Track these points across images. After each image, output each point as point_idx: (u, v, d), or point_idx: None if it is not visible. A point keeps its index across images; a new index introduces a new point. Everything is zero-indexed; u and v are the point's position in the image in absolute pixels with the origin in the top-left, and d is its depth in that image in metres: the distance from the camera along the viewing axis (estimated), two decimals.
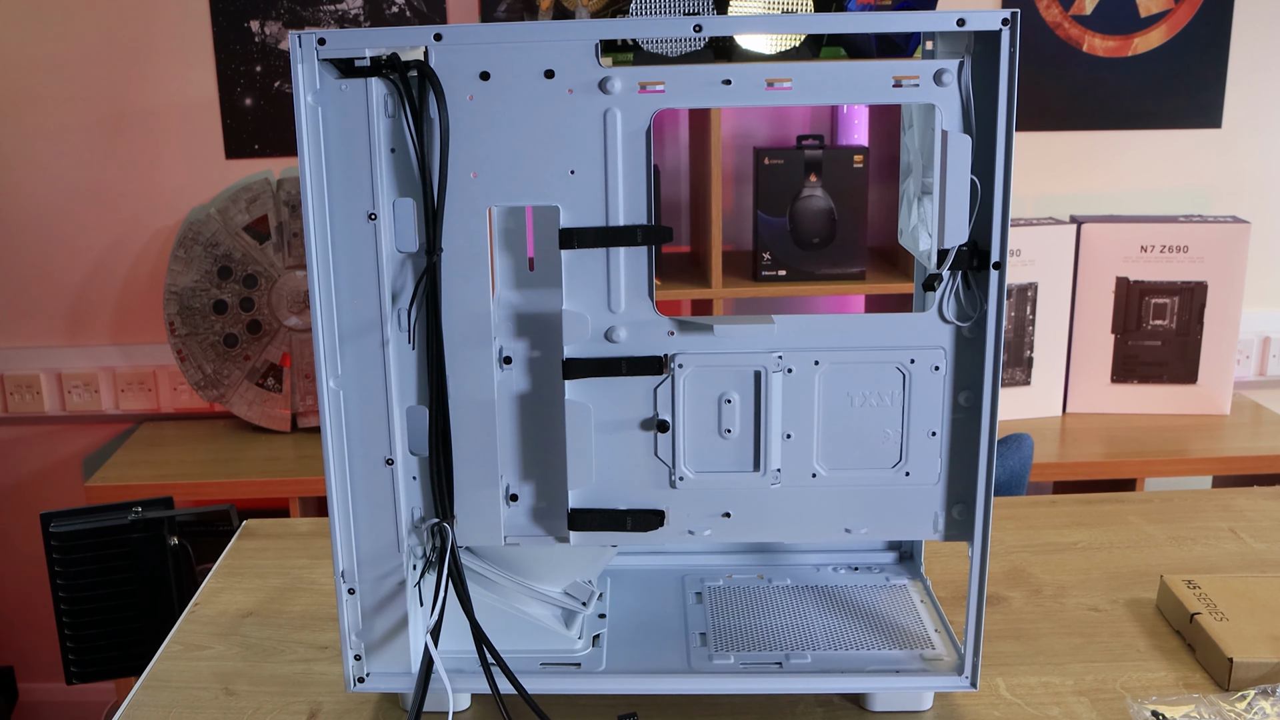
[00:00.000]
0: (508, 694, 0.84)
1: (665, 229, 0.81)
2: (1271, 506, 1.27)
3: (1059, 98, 2.21)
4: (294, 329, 2.05)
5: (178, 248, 2.00)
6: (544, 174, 0.79)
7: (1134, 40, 2.19)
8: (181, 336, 2.03)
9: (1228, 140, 2.24)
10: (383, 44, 0.77)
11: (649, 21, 0.78)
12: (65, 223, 2.18)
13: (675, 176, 2.22)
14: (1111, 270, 2.00)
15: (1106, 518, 1.25)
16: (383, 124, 0.78)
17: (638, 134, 0.78)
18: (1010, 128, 0.76)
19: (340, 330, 0.81)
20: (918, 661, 0.89)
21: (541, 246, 0.86)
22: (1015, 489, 1.59)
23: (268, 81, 2.13)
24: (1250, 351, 2.28)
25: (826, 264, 1.99)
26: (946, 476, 0.85)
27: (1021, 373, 2.01)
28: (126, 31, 2.10)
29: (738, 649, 0.91)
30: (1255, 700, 0.86)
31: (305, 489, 1.92)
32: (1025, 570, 1.13)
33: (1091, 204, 2.23)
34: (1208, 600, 0.98)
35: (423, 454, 0.84)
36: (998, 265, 0.78)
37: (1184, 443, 1.94)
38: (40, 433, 2.28)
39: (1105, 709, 0.88)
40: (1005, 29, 0.75)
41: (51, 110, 2.13)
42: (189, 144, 2.15)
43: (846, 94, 0.78)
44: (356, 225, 0.79)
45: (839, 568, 1.04)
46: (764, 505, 0.85)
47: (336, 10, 2.12)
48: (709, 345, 0.83)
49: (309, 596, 1.12)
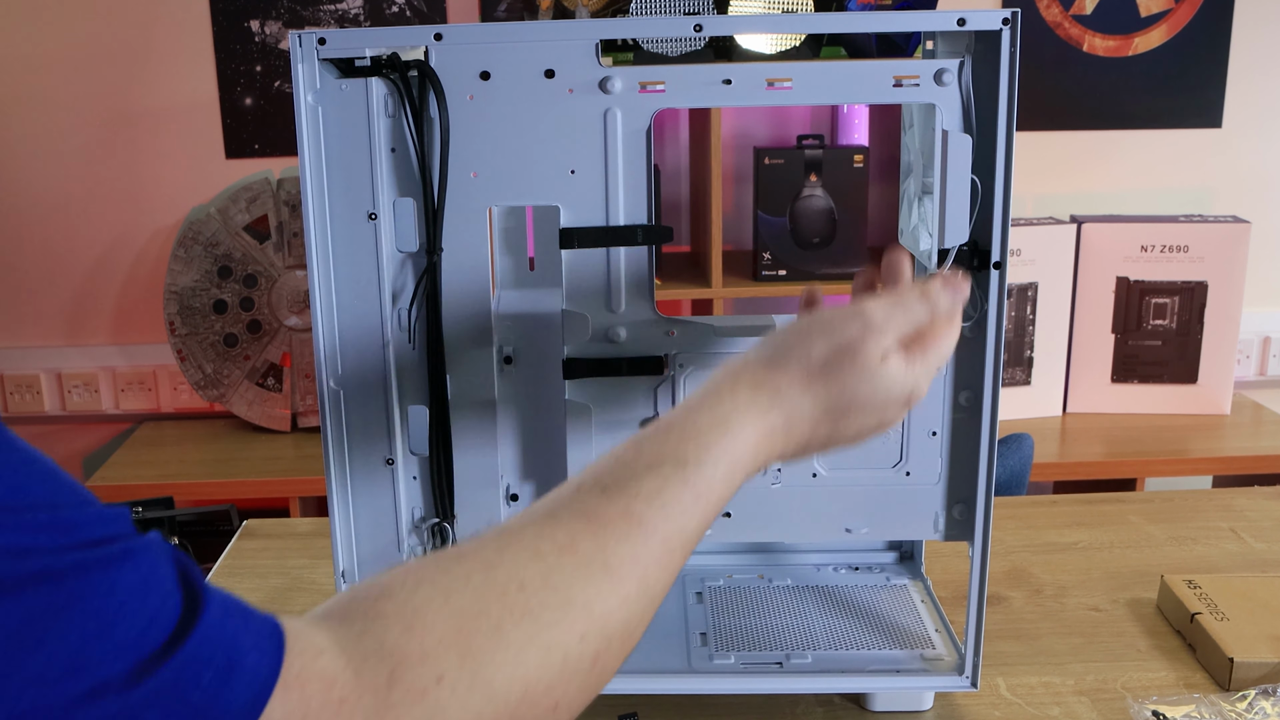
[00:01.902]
0: None
1: (665, 229, 0.81)
2: (1272, 506, 1.27)
3: (1059, 98, 2.21)
4: (294, 329, 2.05)
5: (178, 247, 2.00)
6: (544, 174, 0.79)
7: (1134, 40, 2.19)
8: (181, 336, 2.03)
9: (1228, 140, 2.23)
10: (383, 44, 0.77)
11: (649, 21, 0.78)
12: (65, 223, 2.18)
13: (675, 176, 2.22)
14: (1112, 270, 2.00)
15: (1107, 518, 1.25)
16: (383, 124, 0.78)
17: (638, 134, 0.78)
18: (1011, 127, 0.76)
19: (340, 330, 0.81)
20: (918, 661, 0.89)
21: (542, 246, 0.86)
22: (1015, 489, 1.59)
23: (268, 81, 2.13)
24: (1250, 351, 2.28)
25: (827, 264, 1.99)
26: (947, 476, 0.85)
27: (1022, 372, 2.01)
28: (126, 31, 2.10)
29: (738, 649, 0.91)
30: (1256, 700, 0.86)
31: (305, 489, 1.92)
32: (1026, 570, 1.13)
33: (1091, 204, 2.23)
34: (1208, 600, 0.98)
35: (423, 454, 0.84)
36: (998, 265, 0.78)
37: (1184, 443, 1.94)
38: (40, 432, 2.28)
39: (1106, 709, 0.88)
40: (1005, 29, 0.74)
41: (51, 110, 2.13)
42: (189, 144, 2.15)
43: (847, 94, 0.78)
44: (357, 225, 0.79)
45: (839, 567, 1.04)
46: (764, 505, 0.85)
47: (336, 10, 2.12)
48: (709, 345, 0.83)
49: (309, 596, 1.12)
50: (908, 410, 0.65)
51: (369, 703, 0.43)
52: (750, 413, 0.59)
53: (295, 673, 0.42)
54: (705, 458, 0.56)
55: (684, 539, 0.55)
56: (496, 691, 0.46)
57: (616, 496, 0.54)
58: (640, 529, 0.53)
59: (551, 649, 0.48)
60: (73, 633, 0.37)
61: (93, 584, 0.38)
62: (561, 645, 0.48)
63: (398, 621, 0.45)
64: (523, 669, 0.47)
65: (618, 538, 0.52)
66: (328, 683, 0.43)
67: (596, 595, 0.50)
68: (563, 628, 0.49)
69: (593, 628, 0.50)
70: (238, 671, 0.41)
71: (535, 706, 0.47)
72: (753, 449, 0.58)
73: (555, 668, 0.48)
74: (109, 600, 0.39)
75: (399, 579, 0.48)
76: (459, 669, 0.45)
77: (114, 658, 0.38)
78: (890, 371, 0.62)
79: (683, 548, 0.55)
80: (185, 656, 0.40)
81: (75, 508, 0.40)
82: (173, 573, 0.42)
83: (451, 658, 0.45)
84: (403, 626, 0.45)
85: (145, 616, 0.39)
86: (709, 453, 0.56)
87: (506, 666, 0.46)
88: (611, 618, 0.51)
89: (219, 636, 0.41)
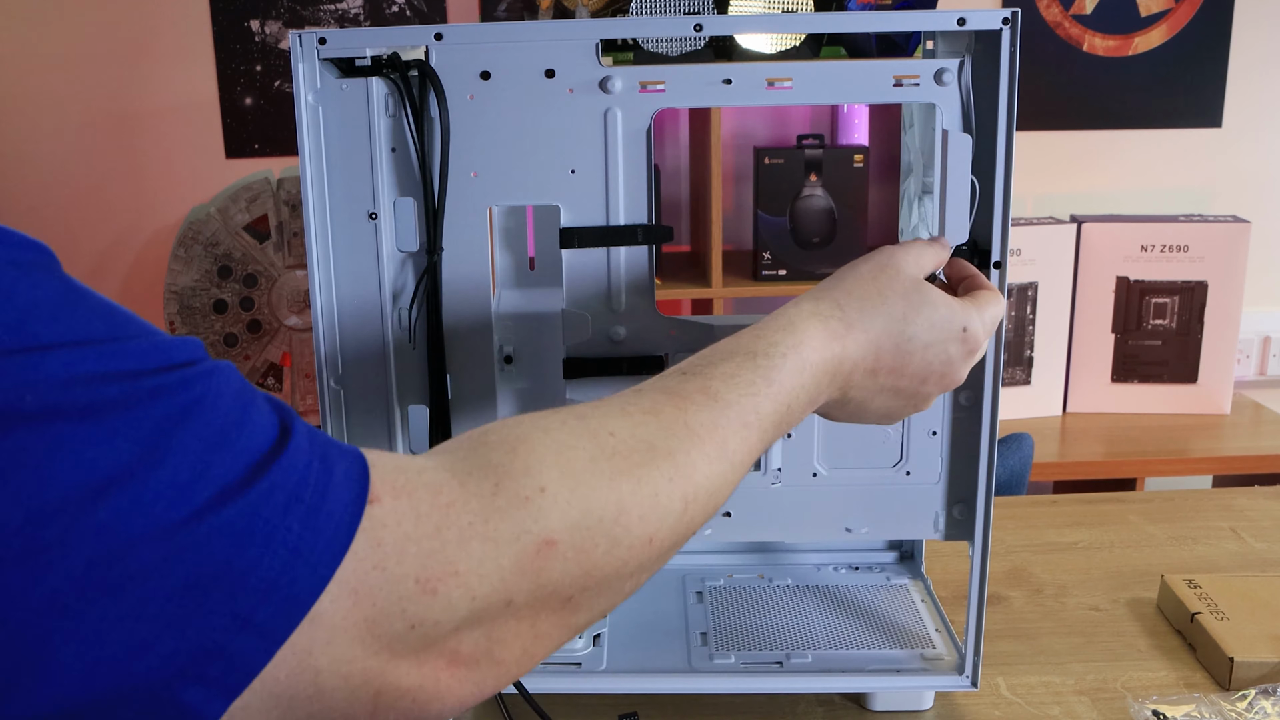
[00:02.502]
0: (508, 693, 0.84)
1: (665, 228, 0.81)
2: (1272, 506, 1.27)
3: (1059, 98, 2.21)
4: (294, 328, 2.05)
5: (178, 247, 2.00)
6: (544, 173, 0.79)
7: (1134, 40, 2.19)
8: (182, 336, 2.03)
9: (1228, 140, 2.24)
10: (383, 43, 0.77)
11: (649, 21, 0.78)
12: (65, 222, 2.18)
13: (675, 176, 2.22)
14: (1111, 270, 2.00)
15: (1107, 517, 1.25)
16: (383, 123, 0.78)
17: (638, 133, 0.78)
18: (1011, 127, 0.76)
19: (340, 330, 0.81)
20: (918, 661, 0.89)
21: (542, 246, 0.86)
22: (1015, 489, 1.59)
23: (268, 81, 2.13)
24: (1250, 351, 2.28)
25: (827, 263, 1.99)
26: (947, 476, 0.85)
27: (1022, 372, 2.02)
28: (126, 31, 2.10)
29: (738, 648, 0.91)
30: (1256, 700, 0.86)
31: None
32: (1026, 570, 1.13)
33: (1091, 204, 2.23)
34: (1208, 600, 0.98)
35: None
36: (999, 265, 0.78)
37: (1184, 442, 1.94)
38: None
39: (1106, 708, 0.88)
40: (1006, 28, 0.74)
41: (51, 110, 2.13)
42: (189, 144, 2.15)
43: (847, 93, 0.78)
44: (357, 225, 0.79)
45: (839, 567, 1.04)
46: (765, 505, 0.85)
47: (336, 10, 2.12)
48: (710, 345, 0.83)
49: None
50: (970, 362, 0.69)
51: (475, 506, 0.46)
52: (814, 318, 0.64)
53: (403, 483, 0.45)
54: (774, 351, 0.61)
55: (759, 419, 0.59)
56: (594, 506, 0.49)
57: (694, 378, 0.59)
58: (717, 401, 0.58)
59: (643, 482, 0.52)
60: (193, 442, 0.40)
61: (196, 397, 0.41)
62: (651, 482, 0.52)
63: (500, 445, 0.50)
64: (617, 494, 0.51)
65: (697, 407, 0.57)
66: (434, 490, 0.46)
67: (680, 447, 0.54)
68: (651, 468, 0.52)
69: (679, 474, 0.53)
70: (336, 470, 0.44)
71: (630, 532, 0.51)
72: (819, 346, 0.63)
73: (647, 501, 0.52)
74: (215, 411, 0.41)
75: (498, 423, 0.53)
76: (559, 482, 0.49)
77: (231, 461, 0.41)
78: (938, 298, 0.68)
79: (759, 426, 0.59)
80: (290, 456, 0.43)
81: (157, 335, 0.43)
82: (254, 388, 0.45)
83: (553, 473, 0.49)
84: (506, 449, 0.50)
85: (251, 422, 0.43)
86: (777, 347, 0.62)
87: (602, 489, 0.50)
88: (696, 470, 0.54)
89: (315, 440, 0.45)
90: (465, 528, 0.46)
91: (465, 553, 0.45)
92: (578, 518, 0.49)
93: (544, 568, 0.48)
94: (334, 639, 0.42)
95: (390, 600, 0.43)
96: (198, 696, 0.40)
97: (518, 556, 0.47)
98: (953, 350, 0.68)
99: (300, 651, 0.42)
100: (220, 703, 0.40)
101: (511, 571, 0.46)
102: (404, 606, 0.44)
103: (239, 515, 0.40)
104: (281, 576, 0.40)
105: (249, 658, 0.40)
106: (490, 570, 0.46)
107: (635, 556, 0.51)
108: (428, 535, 0.45)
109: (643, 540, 0.51)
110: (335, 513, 0.43)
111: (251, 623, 0.40)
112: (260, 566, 0.40)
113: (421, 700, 0.46)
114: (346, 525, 0.43)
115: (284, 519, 0.41)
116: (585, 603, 0.51)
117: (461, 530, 0.45)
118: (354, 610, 0.42)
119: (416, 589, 0.44)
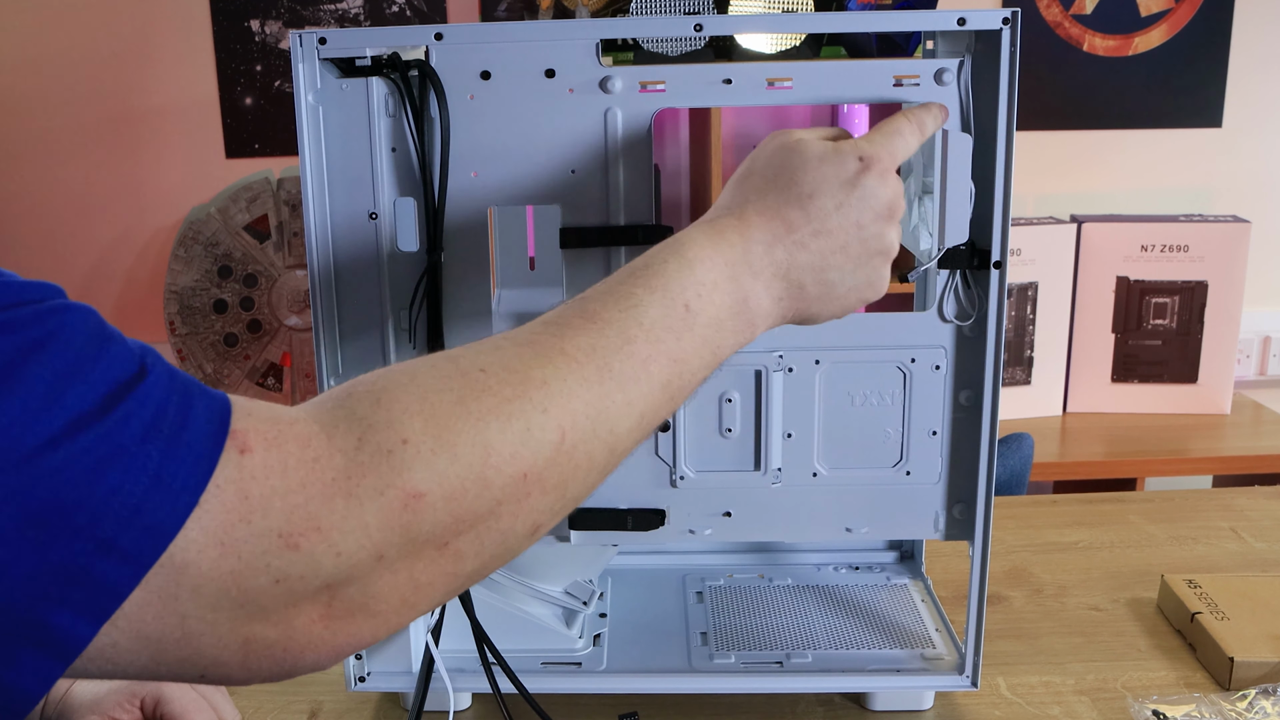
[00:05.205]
0: (509, 693, 0.84)
1: (666, 229, 0.81)
2: (1272, 506, 1.27)
3: (1059, 97, 2.21)
4: (294, 328, 2.05)
5: (178, 247, 2.00)
6: (544, 173, 0.79)
7: (1134, 40, 2.19)
8: (182, 336, 2.03)
9: (1228, 140, 2.24)
10: (383, 43, 0.77)
11: (649, 21, 0.78)
12: (65, 223, 2.18)
13: (675, 176, 2.22)
14: (1112, 270, 2.00)
15: (1107, 517, 1.25)
16: (383, 123, 0.78)
17: (639, 133, 0.78)
18: (1011, 127, 0.76)
19: (340, 330, 0.81)
20: (918, 661, 0.89)
21: (542, 246, 0.86)
22: (1016, 489, 1.59)
23: (268, 81, 2.13)
24: (1250, 351, 2.28)
25: None
26: (947, 476, 0.85)
27: (1022, 372, 2.02)
28: (126, 31, 2.10)
29: (738, 648, 0.91)
30: (1256, 700, 0.86)
31: None
32: (1026, 570, 1.13)
33: (1091, 204, 2.23)
34: (1209, 600, 0.98)
35: None
36: (998, 264, 0.78)
37: (1184, 442, 1.94)
38: None
39: (1106, 708, 0.88)
40: (1006, 28, 0.74)
41: (51, 110, 2.13)
42: (189, 144, 2.15)
43: (847, 93, 0.78)
44: (357, 225, 0.79)
45: (840, 567, 1.04)
46: (765, 505, 0.85)
47: (337, 10, 2.12)
48: None
49: None
50: (889, 185, 0.66)
51: (339, 461, 0.46)
52: (697, 226, 0.63)
53: (275, 434, 0.45)
54: (653, 260, 0.60)
55: (646, 329, 0.57)
56: (460, 452, 0.49)
57: (573, 304, 0.58)
58: (594, 322, 0.56)
59: (513, 418, 0.51)
60: (44, 372, 0.41)
61: (50, 330, 0.42)
62: (523, 415, 0.51)
63: (366, 397, 0.49)
64: (484, 435, 0.49)
65: (574, 330, 0.55)
66: (303, 442, 0.46)
67: (555, 374, 0.53)
68: (522, 400, 0.51)
69: (553, 403, 0.52)
70: (196, 406, 0.44)
71: (501, 472, 0.50)
72: (705, 243, 0.61)
73: (518, 436, 0.50)
74: (68, 346, 0.42)
75: (370, 374, 0.52)
76: (422, 432, 0.48)
77: (86, 391, 0.41)
78: (817, 144, 0.65)
79: (648, 338, 0.57)
80: (148, 389, 0.43)
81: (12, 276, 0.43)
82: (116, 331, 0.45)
83: (416, 423, 0.48)
84: (371, 400, 0.49)
85: (108, 355, 0.43)
86: (656, 257, 0.60)
87: (468, 432, 0.49)
88: (574, 396, 0.53)
89: (176, 378, 0.45)
90: (329, 483, 0.46)
91: (329, 509, 0.45)
92: (444, 466, 0.48)
93: (412, 521, 0.47)
94: (201, 587, 0.43)
95: (255, 554, 0.44)
96: (65, 619, 0.41)
97: (382, 511, 0.46)
98: (866, 181, 0.65)
99: (167, 596, 0.42)
100: (88, 627, 0.41)
101: (377, 527, 0.46)
102: (268, 561, 0.44)
103: (96, 441, 0.41)
104: (144, 503, 0.41)
105: (115, 582, 0.41)
106: (354, 526, 0.46)
107: (511, 495, 0.50)
108: (293, 490, 0.45)
109: (516, 478, 0.50)
110: (194, 444, 0.43)
111: (115, 548, 0.41)
112: (121, 492, 0.41)
113: (294, 650, 0.47)
114: (206, 457, 0.43)
115: (142, 446, 0.42)
116: (468, 549, 0.50)
117: (325, 486, 0.45)
118: (220, 561, 0.43)
119: (280, 544, 0.44)
